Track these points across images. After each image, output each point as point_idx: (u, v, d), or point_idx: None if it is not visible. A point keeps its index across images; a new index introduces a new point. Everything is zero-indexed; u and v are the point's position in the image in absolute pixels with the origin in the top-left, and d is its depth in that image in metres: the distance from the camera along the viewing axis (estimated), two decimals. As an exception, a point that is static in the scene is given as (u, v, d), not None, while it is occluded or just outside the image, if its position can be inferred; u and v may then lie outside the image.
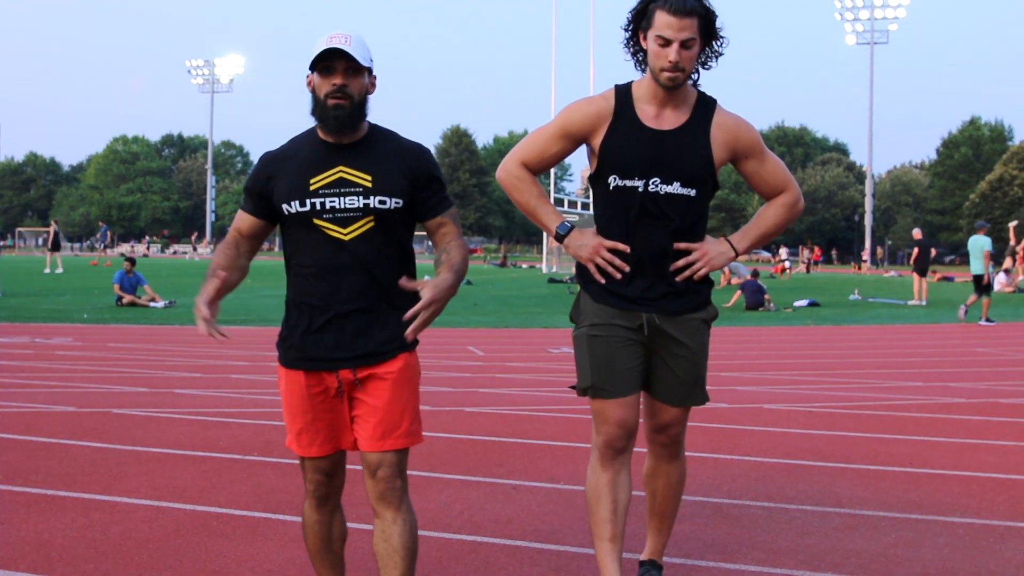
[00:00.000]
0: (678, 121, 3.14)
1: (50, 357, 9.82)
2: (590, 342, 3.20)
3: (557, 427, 6.44)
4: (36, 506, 4.42)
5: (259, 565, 3.68)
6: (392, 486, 2.82)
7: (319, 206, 2.78)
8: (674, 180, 3.11)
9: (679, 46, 2.99)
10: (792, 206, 3.33)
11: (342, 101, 2.73)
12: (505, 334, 13.54)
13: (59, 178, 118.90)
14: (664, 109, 3.14)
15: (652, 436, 3.38)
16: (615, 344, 3.17)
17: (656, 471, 3.44)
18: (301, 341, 2.84)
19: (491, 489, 4.83)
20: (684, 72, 3.04)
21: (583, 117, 3.16)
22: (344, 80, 2.73)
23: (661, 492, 3.44)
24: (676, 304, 3.19)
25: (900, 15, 71.19)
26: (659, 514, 3.47)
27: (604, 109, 3.15)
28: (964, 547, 4.02)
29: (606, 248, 3.16)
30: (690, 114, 3.15)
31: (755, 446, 5.90)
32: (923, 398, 7.95)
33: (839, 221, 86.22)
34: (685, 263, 3.18)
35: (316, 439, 2.86)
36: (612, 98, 3.17)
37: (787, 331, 14.69)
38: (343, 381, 2.83)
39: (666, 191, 3.12)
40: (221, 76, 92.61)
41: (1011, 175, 72.20)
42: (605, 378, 3.18)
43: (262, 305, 17.73)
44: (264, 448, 5.65)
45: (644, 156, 3.10)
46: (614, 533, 3.22)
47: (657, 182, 3.11)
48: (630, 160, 3.11)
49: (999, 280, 28.77)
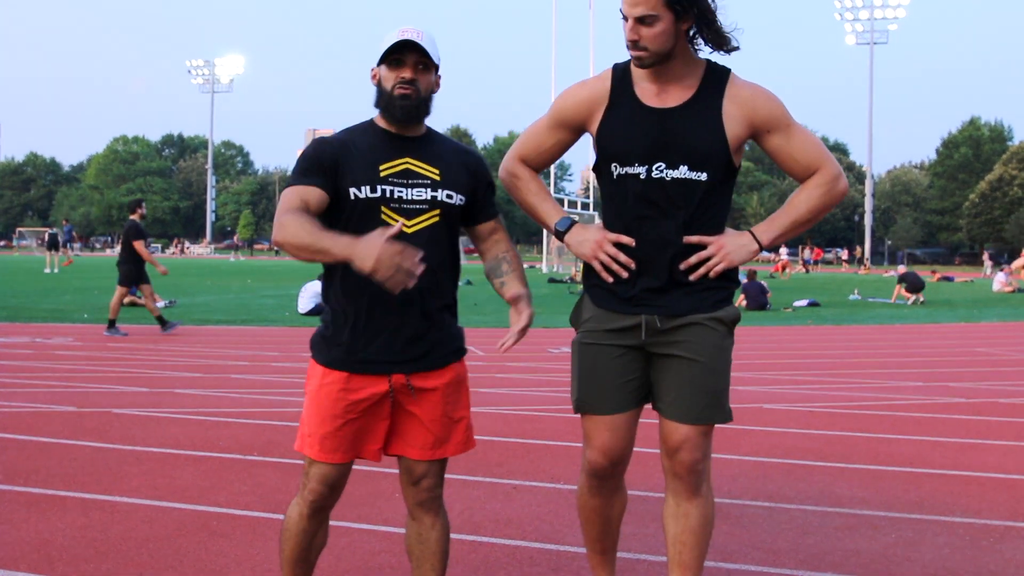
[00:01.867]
0: (683, 97, 2.78)
1: (50, 357, 9.81)
2: (581, 350, 2.90)
3: (557, 427, 6.44)
4: (36, 506, 4.42)
5: (259, 565, 3.68)
6: (434, 495, 2.83)
7: (389, 193, 2.69)
8: (680, 164, 2.75)
9: (634, 22, 2.68)
10: (829, 186, 2.84)
11: (409, 91, 2.69)
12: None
13: (59, 178, 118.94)
14: (667, 85, 2.78)
15: (667, 465, 2.89)
16: (606, 353, 2.85)
17: (675, 512, 2.90)
18: (351, 341, 2.70)
19: (491, 489, 4.83)
20: (648, 51, 2.70)
21: (576, 103, 2.87)
22: (413, 74, 2.70)
23: (681, 538, 2.87)
24: (684, 303, 2.80)
25: (900, 15, 71.21)
26: (681, 565, 2.89)
27: (599, 91, 2.84)
28: (964, 547, 4.02)
29: (610, 242, 2.83)
30: (697, 87, 2.78)
31: (755, 446, 5.90)
32: (923, 398, 7.95)
33: (839, 221, 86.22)
34: (698, 259, 2.80)
35: (341, 445, 2.72)
36: (608, 79, 2.85)
37: (787, 331, 14.69)
38: (395, 386, 2.73)
39: (673, 176, 2.76)
40: (221, 76, 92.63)
41: (1011, 175, 72.23)
42: (591, 392, 2.87)
43: (262, 305, 17.73)
44: (264, 448, 5.65)
45: (645, 139, 2.76)
46: (605, 547, 3.10)
47: (662, 167, 2.76)
48: (630, 144, 2.78)
49: (999, 280, 28.78)
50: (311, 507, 2.80)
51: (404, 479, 2.84)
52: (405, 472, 2.83)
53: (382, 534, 4.09)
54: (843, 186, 2.87)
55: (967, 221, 75.22)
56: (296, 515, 2.83)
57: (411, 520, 2.88)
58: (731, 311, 2.87)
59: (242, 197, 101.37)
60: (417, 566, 2.88)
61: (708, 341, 2.81)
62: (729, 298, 2.89)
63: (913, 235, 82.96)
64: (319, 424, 2.73)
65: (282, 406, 7.09)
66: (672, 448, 2.84)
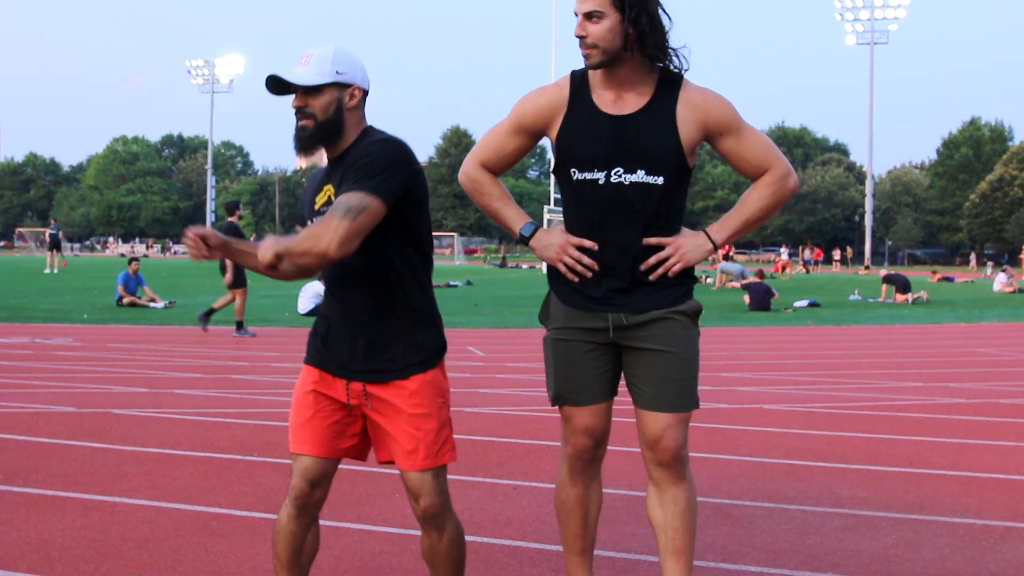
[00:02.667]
0: (639, 103, 2.86)
1: (50, 357, 9.82)
2: (555, 346, 3.00)
3: (557, 427, 6.41)
4: (36, 506, 4.41)
5: (259, 565, 3.68)
6: (433, 512, 2.83)
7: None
8: (638, 168, 2.83)
9: (583, 19, 2.77)
10: (779, 184, 2.93)
11: (304, 122, 2.73)
12: (505, 334, 13.54)
13: (59, 178, 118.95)
14: (623, 92, 2.87)
15: (648, 456, 2.97)
16: (579, 349, 2.96)
17: (660, 500, 2.98)
18: (323, 341, 2.85)
19: (491, 489, 4.83)
20: (596, 49, 2.77)
21: (536, 109, 2.93)
22: (302, 101, 2.72)
23: (671, 524, 2.96)
24: (647, 301, 2.91)
25: (900, 15, 71.15)
26: (674, 552, 2.97)
27: (558, 98, 2.91)
28: (964, 547, 4.02)
29: (573, 246, 2.92)
30: (652, 94, 2.86)
31: (755, 446, 5.90)
32: (923, 398, 7.94)
33: (839, 221, 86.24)
34: (657, 260, 2.90)
35: (311, 437, 2.81)
36: (567, 85, 2.92)
37: (787, 331, 14.68)
38: (352, 392, 2.80)
39: (631, 180, 2.84)
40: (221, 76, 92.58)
41: (1011, 175, 72.22)
42: (570, 385, 2.99)
43: (262, 305, 17.73)
44: (264, 448, 5.65)
45: (603, 145, 2.85)
46: (584, 547, 3.16)
47: (620, 172, 2.84)
48: (588, 150, 2.86)
49: (999, 280, 28.77)
50: (294, 504, 2.85)
51: (408, 495, 2.86)
52: (408, 489, 2.85)
53: (382, 534, 4.09)
54: (793, 183, 2.95)
55: (967, 221, 75.21)
56: (283, 516, 2.88)
57: (423, 531, 2.91)
58: (692, 304, 2.97)
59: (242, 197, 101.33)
60: (434, 571, 2.95)
61: (675, 332, 2.92)
62: (689, 293, 2.99)
63: (913, 235, 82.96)
64: (293, 415, 2.87)
65: (282, 406, 7.09)
66: (653, 438, 2.94)
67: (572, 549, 3.16)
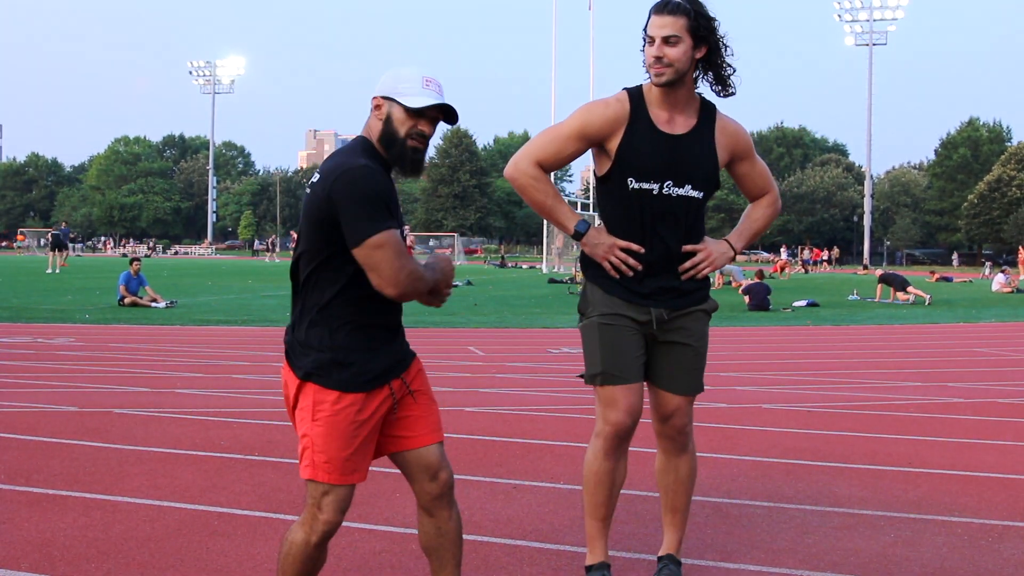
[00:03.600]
0: (688, 126, 3.28)
1: (52, 357, 9.83)
2: (601, 330, 3.32)
3: (557, 427, 6.45)
4: (38, 506, 4.43)
5: (260, 565, 3.69)
6: (451, 486, 2.87)
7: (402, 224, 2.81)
8: (686, 183, 3.27)
9: (661, 42, 3.14)
10: (776, 205, 3.57)
11: (421, 145, 2.75)
12: (505, 334, 13.55)
13: (61, 179, 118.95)
14: (674, 114, 3.27)
15: (660, 429, 3.48)
16: (625, 333, 3.31)
17: (666, 466, 3.53)
18: (363, 361, 2.73)
19: (491, 489, 4.84)
20: (671, 68, 3.15)
21: (603, 120, 3.25)
22: (431, 129, 2.75)
23: (673, 487, 3.53)
24: (682, 300, 3.36)
25: (899, 16, 71.24)
26: (673, 509, 3.55)
27: (621, 113, 3.25)
28: (963, 546, 4.03)
29: (620, 248, 3.29)
30: (697, 119, 3.30)
31: (755, 446, 5.91)
32: (922, 398, 7.96)
33: (838, 222, 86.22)
34: (691, 264, 3.34)
35: (362, 464, 2.76)
36: (627, 102, 3.27)
37: (787, 331, 14.70)
38: (395, 390, 2.80)
39: (678, 193, 3.27)
40: (222, 77, 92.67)
41: (1009, 175, 72.24)
42: (616, 364, 3.30)
43: (263, 305, 17.74)
44: (265, 448, 5.66)
45: (661, 160, 3.23)
46: (607, 514, 3.44)
47: (670, 185, 3.25)
48: (648, 164, 3.23)
49: (998, 281, 28.79)
50: (323, 536, 2.77)
51: (420, 477, 2.84)
52: (421, 469, 2.83)
53: (382, 534, 4.10)
54: (780, 205, 3.62)
55: (966, 222, 75.22)
56: (302, 541, 2.77)
57: (427, 517, 2.88)
58: (712, 303, 3.48)
59: (243, 198, 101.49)
60: (437, 559, 2.91)
61: (700, 328, 3.42)
62: (708, 293, 3.47)
63: (912, 236, 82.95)
64: (342, 448, 2.70)
65: (283, 406, 7.09)
66: (667, 415, 3.44)
67: (595, 515, 3.43)
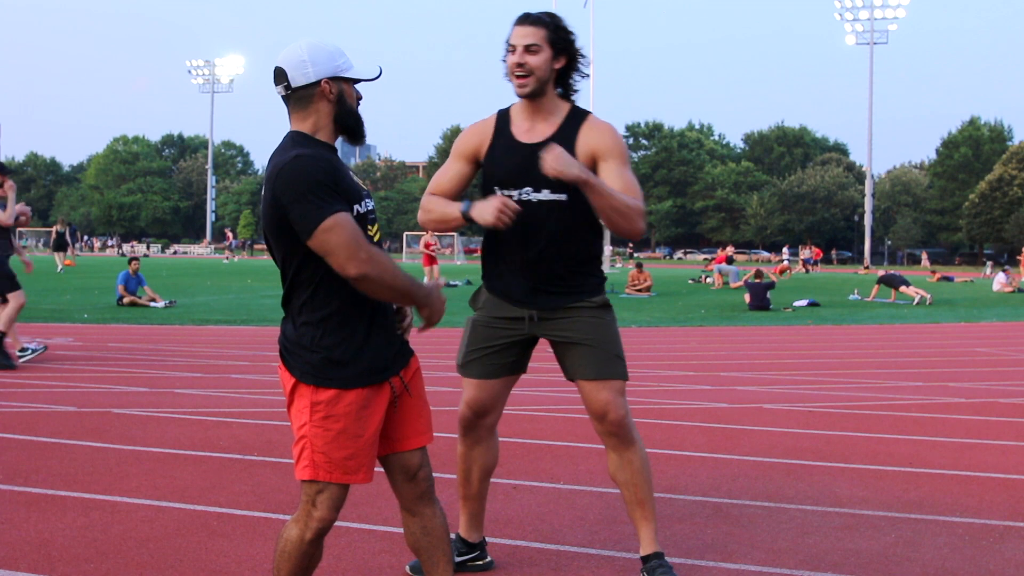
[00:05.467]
0: (547, 133, 3.42)
1: (51, 357, 9.83)
2: (473, 326, 3.63)
3: (557, 427, 6.45)
4: (37, 506, 4.42)
5: (259, 565, 3.68)
6: (431, 484, 2.88)
7: (370, 206, 2.78)
8: (543, 188, 3.37)
9: (522, 50, 3.32)
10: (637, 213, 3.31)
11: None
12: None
13: (59, 178, 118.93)
14: (535, 123, 3.44)
15: (599, 428, 3.53)
16: (494, 335, 3.55)
17: (619, 462, 3.55)
18: (360, 357, 2.70)
19: (491, 489, 4.81)
20: (533, 76, 3.33)
21: (471, 137, 3.54)
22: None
23: (632, 480, 3.55)
24: (553, 301, 3.48)
25: (900, 15, 71.18)
26: (639, 502, 3.56)
27: (486, 130, 3.52)
28: (963, 546, 4.03)
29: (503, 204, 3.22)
30: (559, 125, 3.43)
31: (755, 446, 5.91)
32: (923, 398, 7.95)
33: (839, 221, 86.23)
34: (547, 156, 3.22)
35: (366, 461, 2.73)
36: (494, 119, 3.54)
37: (787, 331, 14.69)
38: (395, 387, 2.78)
39: (537, 198, 3.39)
40: (221, 76, 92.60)
41: (1010, 175, 72.20)
42: (471, 359, 3.60)
43: (262, 305, 17.74)
44: (264, 448, 5.66)
45: (515, 167, 3.41)
46: (466, 493, 3.71)
47: (528, 191, 3.40)
48: (504, 172, 3.44)
49: (998, 280, 28.78)
50: (318, 533, 2.77)
51: (400, 478, 2.86)
52: (400, 471, 2.85)
53: (382, 534, 4.10)
54: (641, 227, 3.37)
55: (967, 221, 75.18)
56: (296, 538, 2.76)
57: (411, 517, 2.89)
58: (598, 299, 3.50)
59: (242, 197, 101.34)
60: (428, 558, 2.90)
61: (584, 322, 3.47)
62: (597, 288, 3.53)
63: (913, 235, 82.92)
64: (343, 446, 2.68)
65: (282, 406, 7.08)
66: (599, 412, 3.49)
67: (459, 494, 3.75)
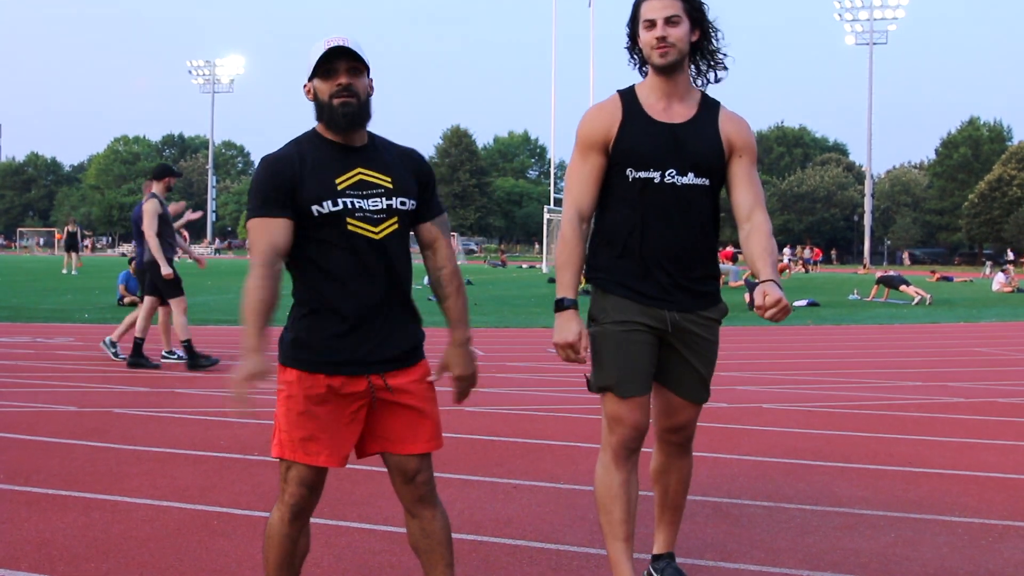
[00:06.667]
0: (687, 114, 3.19)
1: (51, 357, 9.83)
2: (617, 338, 3.17)
3: (557, 427, 6.45)
4: (37, 505, 4.42)
5: (259, 564, 3.68)
6: (430, 488, 2.87)
7: (350, 205, 2.72)
8: (688, 171, 3.14)
9: (663, 22, 3.08)
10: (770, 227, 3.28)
11: (349, 99, 2.71)
12: (505, 334, 13.54)
13: (60, 178, 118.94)
14: (671, 103, 3.19)
15: (666, 436, 3.41)
16: (639, 342, 3.16)
17: (668, 467, 3.46)
18: (326, 345, 2.75)
19: (491, 489, 4.84)
20: (675, 48, 3.09)
21: (598, 122, 3.19)
22: (348, 79, 2.72)
23: (674, 487, 3.48)
24: (694, 302, 3.22)
25: (899, 15, 71.24)
26: (672, 508, 3.52)
27: (614, 110, 3.19)
28: (963, 546, 4.03)
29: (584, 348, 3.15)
30: (697, 109, 3.21)
31: (755, 446, 5.91)
32: (923, 398, 7.95)
33: (838, 221, 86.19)
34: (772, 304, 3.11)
35: (325, 447, 2.77)
36: (619, 100, 3.22)
37: (787, 331, 14.69)
38: (374, 386, 2.78)
39: (683, 182, 3.13)
40: (222, 76, 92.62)
41: (1010, 175, 72.18)
42: (628, 377, 3.17)
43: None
44: (264, 448, 5.66)
45: (658, 147, 3.13)
46: (627, 533, 3.23)
47: (673, 173, 3.13)
48: (646, 152, 3.13)
49: (998, 280, 28.79)
50: (291, 511, 2.82)
51: (397, 479, 2.87)
52: (397, 472, 2.85)
53: (382, 533, 4.10)
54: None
55: (966, 221, 75.17)
56: (277, 521, 2.85)
57: (411, 518, 2.90)
58: (723, 307, 3.34)
59: (243, 197, 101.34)
60: (427, 559, 2.91)
61: (712, 333, 3.29)
62: (719, 296, 3.34)
63: (912, 235, 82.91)
64: (297, 426, 2.78)
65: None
66: (679, 424, 3.36)
67: (616, 535, 3.23)
